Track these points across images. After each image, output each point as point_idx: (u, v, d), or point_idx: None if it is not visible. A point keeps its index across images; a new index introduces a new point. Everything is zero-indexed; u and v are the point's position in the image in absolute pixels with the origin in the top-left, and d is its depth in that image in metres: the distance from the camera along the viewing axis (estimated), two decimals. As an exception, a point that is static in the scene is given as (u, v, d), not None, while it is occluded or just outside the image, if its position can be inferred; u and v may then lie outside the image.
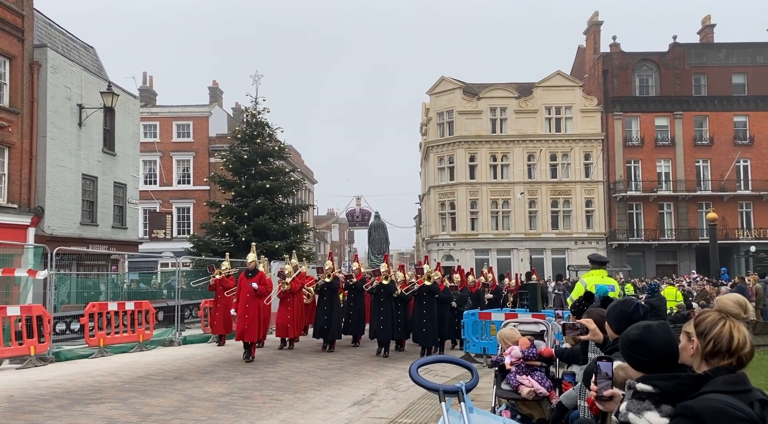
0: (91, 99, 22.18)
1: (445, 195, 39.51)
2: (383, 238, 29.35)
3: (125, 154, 24.97)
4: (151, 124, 37.80)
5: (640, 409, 2.40)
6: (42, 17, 22.31)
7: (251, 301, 11.36)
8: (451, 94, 39.66)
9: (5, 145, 18.79)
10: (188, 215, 37.90)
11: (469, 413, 2.60)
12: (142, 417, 6.72)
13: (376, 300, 12.97)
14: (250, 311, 11.28)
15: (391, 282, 12.98)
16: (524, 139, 38.67)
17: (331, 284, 13.40)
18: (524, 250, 38.03)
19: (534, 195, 38.57)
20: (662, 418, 2.33)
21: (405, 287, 13.28)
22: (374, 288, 13.05)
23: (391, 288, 12.85)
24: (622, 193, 38.05)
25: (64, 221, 20.93)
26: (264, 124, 26.57)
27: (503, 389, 5.64)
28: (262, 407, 7.36)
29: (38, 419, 6.58)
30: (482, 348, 11.83)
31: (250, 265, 11.74)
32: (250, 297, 11.36)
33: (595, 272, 7.84)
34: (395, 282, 13.29)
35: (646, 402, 2.41)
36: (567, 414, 4.48)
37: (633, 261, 37.40)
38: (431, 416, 6.84)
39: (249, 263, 11.81)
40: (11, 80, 19.14)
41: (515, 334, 6.01)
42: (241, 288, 11.60)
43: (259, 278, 11.57)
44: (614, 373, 2.84)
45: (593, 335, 3.69)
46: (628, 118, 38.87)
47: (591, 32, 40.74)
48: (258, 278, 11.50)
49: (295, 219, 29.45)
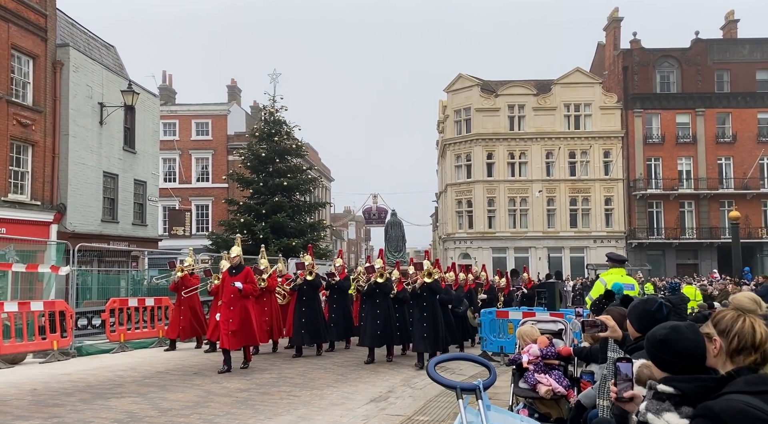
0: (111, 97, 22.48)
1: (462, 193, 39.36)
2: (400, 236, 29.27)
3: (145, 152, 25.27)
4: (171, 123, 38.19)
5: (659, 410, 2.38)
6: (64, 17, 22.64)
7: (235, 303, 9.64)
8: (469, 91, 39.48)
9: (29, 143, 19.12)
10: (207, 213, 38.24)
11: (487, 410, 2.59)
12: (162, 412, 6.80)
13: (370, 301, 11.26)
14: (235, 314, 9.57)
15: (387, 280, 11.28)
16: (543, 137, 38.37)
17: (312, 282, 11.76)
18: (542, 248, 37.76)
19: (552, 193, 38.27)
20: (682, 419, 2.31)
21: (402, 287, 11.61)
22: (368, 287, 11.31)
23: (387, 287, 11.19)
24: (642, 191, 37.58)
25: (85, 217, 21.25)
26: (281, 122, 26.72)
27: (521, 387, 5.62)
28: (279, 403, 7.41)
29: (61, 412, 6.69)
30: (499, 347, 11.80)
31: (234, 260, 9.97)
32: (234, 298, 9.67)
33: (614, 271, 7.77)
34: (391, 280, 11.68)
35: (666, 403, 2.38)
36: (586, 413, 4.45)
37: (653, 260, 36.94)
38: (448, 414, 6.83)
39: (232, 258, 10.00)
40: (35, 79, 19.47)
41: (535, 332, 5.98)
42: (224, 288, 9.91)
43: (245, 275, 9.86)
44: (639, 371, 2.81)
45: (612, 332, 3.66)
46: (649, 115, 38.37)
47: (611, 28, 40.27)
48: (243, 276, 9.82)
49: (312, 217, 29.59)
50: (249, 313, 9.87)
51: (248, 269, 10.12)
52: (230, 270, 9.99)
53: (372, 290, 11.23)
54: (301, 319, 11.66)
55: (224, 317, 9.65)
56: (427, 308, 10.65)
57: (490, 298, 14.90)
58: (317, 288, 12.08)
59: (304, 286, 11.78)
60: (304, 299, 11.75)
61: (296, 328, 11.75)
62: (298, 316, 11.76)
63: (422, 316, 10.63)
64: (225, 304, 9.72)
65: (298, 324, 11.68)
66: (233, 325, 9.52)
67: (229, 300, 9.68)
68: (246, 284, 9.79)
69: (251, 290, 9.95)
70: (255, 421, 6.49)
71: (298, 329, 11.67)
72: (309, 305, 11.69)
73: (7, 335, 10.01)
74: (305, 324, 11.59)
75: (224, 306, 9.75)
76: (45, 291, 12.68)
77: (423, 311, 10.66)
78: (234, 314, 9.60)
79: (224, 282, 9.97)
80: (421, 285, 10.60)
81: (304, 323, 11.60)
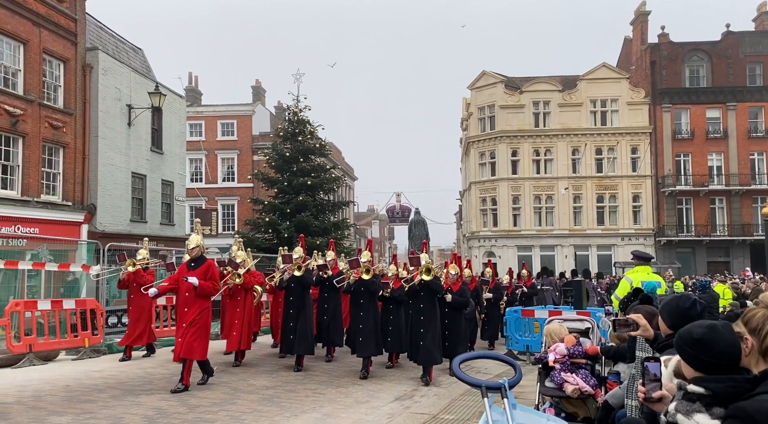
0: (139, 99, 22.87)
1: (487, 191, 39.12)
2: (423, 234, 29.29)
3: (172, 153, 25.66)
4: (197, 123, 38.71)
5: (689, 410, 2.34)
6: (93, 21, 23.10)
7: (191, 303, 7.93)
8: (493, 88, 39.21)
9: (60, 145, 19.57)
10: (233, 212, 38.69)
11: (512, 409, 2.58)
12: (190, 408, 6.91)
13: (355, 302, 9.65)
14: (189, 316, 7.88)
15: (375, 277, 9.60)
16: (568, 133, 37.93)
17: (301, 279, 9.79)
18: (568, 246, 37.34)
19: (579, 190, 37.80)
20: (713, 420, 2.27)
21: (399, 285, 9.98)
22: (351, 285, 9.64)
23: (373, 285, 9.39)
24: (671, 187, 36.88)
25: (114, 217, 21.68)
26: (305, 122, 26.89)
27: (547, 386, 5.57)
28: (305, 400, 7.47)
29: (93, 408, 6.84)
30: (525, 345, 11.71)
31: (193, 251, 8.17)
32: (190, 297, 7.92)
33: (640, 269, 7.64)
34: (379, 276, 10.18)
35: (696, 404, 2.34)
36: (613, 413, 4.39)
37: (683, 258, 36.24)
38: (473, 413, 6.81)
39: (190, 250, 8.20)
40: (65, 82, 19.91)
41: (563, 330, 5.92)
42: (180, 285, 8.11)
43: (205, 270, 8.06)
44: (678, 367, 2.76)
45: (644, 331, 3.60)
46: (678, 110, 37.63)
47: (638, 22, 39.59)
48: (202, 271, 8.03)
49: (335, 215, 29.73)
50: (207, 318, 8.11)
51: (210, 262, 8.30)
52: (188, 263, 8.18)
53: (357, 288, 9.48)
54: (289, 323, 9.74)
55: (179, 322, 8.05)
56: (425, 311, 8.89)
57: (495, 297, 13.67)
58: (307, 287, 10.07)
59: (292, 284, 9.87)
60: (291, 299, 9.89)
61: (285, 334, 9.93)
62: (287, 319, 9.85)
63: (419, 321, 8.94)
64: (179, 305, 8.17)
65: (287, 329, 9.80)
66: (187, 331, 7.83)
67: (184, 300, 7.99)
68: (205, 280, 7.99)
69: (210, 289, 8.09)
70: (281, 418, 6.55)
71: (287, 335, 9.82)
72: (299, 307, 9.76)
73: (41, 333, 10.28)
74: (294, 329, 9.65)
75: (178, 308, 8.20)
76: (76, 290, 12.95)
77: (420, 315, 8.95)
78: (188, 317, 7.90)
79: (181, 279, 8.15)
80: (418, 284, 8.83)
81: (293, 328, 9.66)
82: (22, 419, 6.30)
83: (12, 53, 17.95)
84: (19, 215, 17.54)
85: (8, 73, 17.81)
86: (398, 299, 10.02)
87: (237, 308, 10.40)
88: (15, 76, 18.03)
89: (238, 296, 10.49)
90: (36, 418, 6.34)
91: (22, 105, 17.96)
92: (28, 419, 6.28)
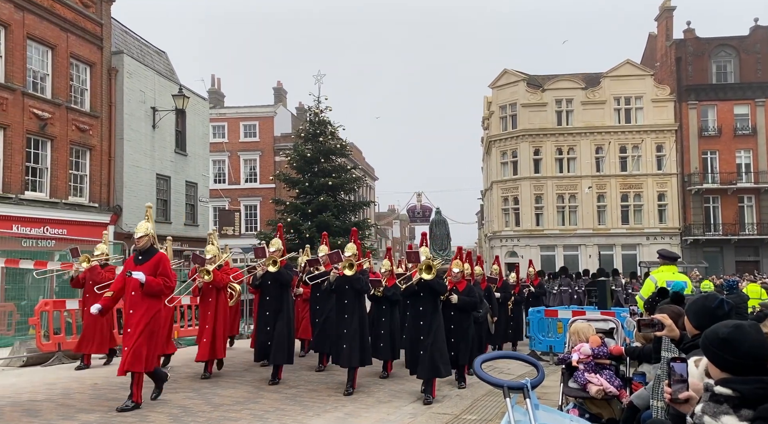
0: (163, 102, 23.21)
1: (509, 190, 38.85)
2: (444, 234, 29.16)
3: (196, 154, 25.99)
4: (220, 125, 39.16)
5: (717, 412, 2.29)
6: (118, 25, 23.51)
7: (138, 304, 6.71)
8: (515, 86, 38.92)
9: (87, 147, 19.95)
10: (255, 212, 39.05)
11: (535, 409, 2.56)
12: (214, 406, 6.99)
13: (338, 303, 8.25)
14: (135, 319, 6.67)
15: (361, 273, 8.31)
16: (592, 132, 37.47)
17: (278, 276, 8.47)
18: (592, 246, 36.89)
19: (602, 189, 37.33)
20: (741, 422, 2.22)
21: (393, 283, 8.81)
22: (332, 283, 8.22)
23: (359, 282, 8.00)
24: (698, 185, 36.21)
25: (140, 218, 21.82)
26: (326, 123, 27.01)
27: (571, 387, 5.52)
28: (327, 399, 7.50)
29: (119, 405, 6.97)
30: (548, 346, 11.61)
31: (140, 241, 6.90)
32: (137, 297, 6.72)
33: (666, 268, 7.51)
34: (366, 273, 8.84)
35: (723, 406, 2.30)
36: (639, 414, 4.34)
37: (710, 257, 35.56)
38: (496, 413, 6.77)
39: (138, 239, 6.93)
40: (91, 86, 20.30)
41: (589, 330, 5.84)
42: (126, 283, 6.83)
43: (155, 264, 6.81)
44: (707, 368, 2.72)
45: (669, 331, 3.54)
46: (704, 107, 36.93)
47: (663, 18, 38.94)
48: (152, 265, 6.79)
49: (356, 216, 29.80)
50: (157, 323, 6.91)
51: (161, 256, 7.01)
52: (136, 256, 6.97)
53: (340, 287, 8.10)
54: (265, 327, 8.49)
55: (125, 326, 6.91)
56: (426, 315, 7.61)
57: (504, 297, 12.66)
58: (286, 285, 8.73)
59: (268, 281, 8.57)
60: (267, 299, 8.62)
61: (260, 339, 8.65)
62: (263, 323, 8.56)
63: (418, 326, 7.69)
64: (126, 306, 6.89)
65: (263, 334, 8.53)
66: (132, 337, 6.62)
67: (131, 300, 6.75)
68: (155, 276, 6.77)
69: (160, 287, 6.79)
70: (303, 417, 6.59)
71: (263, 341, 8.55)
72: (277, 309, 8.51)
73: (69, 332, 10.49)
74: (272, 334, 8.40)
75: (124, 310, 6.97)
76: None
77: (419, 319, 7.68)
78: (134, 320, 6.68)
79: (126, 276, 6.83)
80: (417, 283, 7.57)
81: (270, 333, 8.43)
82: (52, 416, 6.44)
83: (41, 58, 18.36)
84: (48, 217, 17.93)
85: (37, 78, 18.22)
86: (392, 299, 8.98)
87: (208, 311, 8.90)
88: (43, 81, 18.44)
89: (209, 296, 8.97)
90: (65, 415, 6.47)
91: (51, 109, 18.36)
92: (57, 416, 6.42)
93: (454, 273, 8.53)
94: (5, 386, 8.08)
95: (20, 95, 17.28)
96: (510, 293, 13.16)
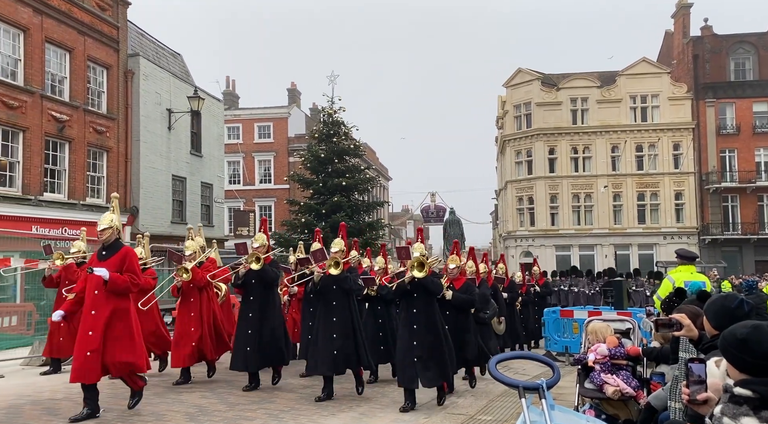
0: (179, 103, 23.42)
1: (523, 190, 38.65)
2: (458, 234, 29.07)
3: (211, 156, 26.19)
4: (234, 126, 39.42)
5: (736, 414, 2.27)
6: (134, 28, 23.76)
7: (101, 304, 6.05)
8: (529, 85, 38.72)
9: (104, 149, 20.19)
10: (270, 213, 39.23)
11: (551, 410, 2.55)
12: (230, 406, 7.04)
13: (325, 305, 7.46)
14: (99, 321, 5.99)
15: (350, 270, 7.70)
16: (607, 130, 37.16)
17: (261, 274, 7.71)
18: (608, 246, 36.57)
19: (618, 188, 37.01)
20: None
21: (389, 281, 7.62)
22: (316, 283, 7.48)
23: (346, 282, 7.36)
24: (716, 184, 35.75)
25: (156, 219, 22.24)
26: (340, 123, 27.07)
27: (587, 387, 5.48)
28: (342, 399, 7.51)
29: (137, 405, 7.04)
30: (564, 346, 11.53)
31: (104, 234, 6.29)
32: (100, 297, 6.06)
33: (684, 268, 7.42)
34: (355, 271, 8.10)
35: (743, 407, 2.27)
36: (656, 415, 4.30)
37: (728, 257, 35.10)
38: (511, 414, 6.74)
39: (101, 232, 6.29)
40: (108, 88, 20.54)
41: (607, 330, 5.79)
42: (87, 282, 6.21)
43: (120, 259, 6.22)
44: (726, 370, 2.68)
45: (688, 331, 3.49)
46: (722, 104, 36.46)
47: (679, 15, 38.50)
48: (117, 261, 6.20)
49: (370, 216, 29.83)
50: (127, 324, 6.21)
51: (127, 250, 6.42)
52: (99, 251, 6.36)
53: (326, 288, 7.39)
54: (246, 330, 7.72)
55: (83, 329, 6.03)
56: (419, 318, 6.84)
57: (511, 297, 12.06)
58: (271, 285, 8.00)
59: (252, 280, 7.79)
60: (251, 299, 7.85)
61: (238, 345, 7.80)
62: (244, 326, 7.78)
63: (411, 330, 6.87)
64: (86, 306, 6.11)
65: (243, 337, 7.74)
66: (94, 342, 5.91)
67: (93, 300, 6.05)
68: (121, 273, 6.12)
69: (126, 285, 6.11)
70: (318, 417, 6.60)
71: (241, 346, 7.74)
72: (261, 310, 7.77)
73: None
74: (252, 339, 7.66)
75: (85, 310, 6.12)
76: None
77: (413, 323, 6.86)
78: (97, 323, 5.97)
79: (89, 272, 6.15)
80: (410, 282, 6.81)
81: (250, 337, 7.67)
82: (71, 415, 6.52)
83: (59, 61, 18.62)
84: (66, 218, 18.17)
85: (55, 81, 18.48)
86: (386, 299, 8.17)
87: (191, 312, 8.16)
88: (62, 84, 18.69)
89: (190, 296, 8.20)
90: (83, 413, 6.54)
91: (69, 111, 18.61)
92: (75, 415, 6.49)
93: (450, 269, 7.95)
94: (25, 385, 8.21)
95: (39, 98, 17.54)
96: (517, 292, 12.69)
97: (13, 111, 16.76)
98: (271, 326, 7.83)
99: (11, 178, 17.00)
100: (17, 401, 7.18)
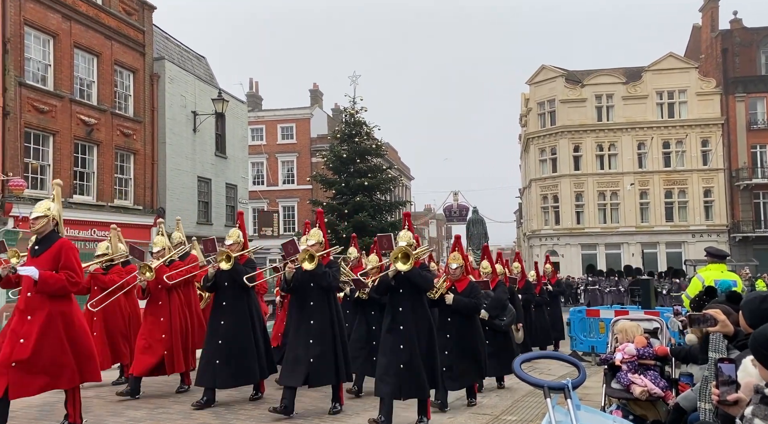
0: (203, 106, 23.72)
1: (548, 188, 38.27)
2: (482, 233, 28.94)
3: (235, 157, 26.47)
4: (258, 128, 39.79)
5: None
6: (160, 32, 24.13)
7: (36, 307, 5.17)
8: (553, 82, 38.34)
9: (131, 152, 20.55)
10: (293, 213, 39.51)
11: (576, 410, 2.52)
12: (256, 405, 7.13)
13: (300, 305, 6.58)
14: (34, 327, 5.10)
15: (331, 264, 6.70)
16: (633, 127, 36.62)
17: (233, 274, 6.84)
18: (635, 244, 36.03)
19: (645, 186, 36.43)
20: (794, 425, 2.14)
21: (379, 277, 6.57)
22: (290, 281, 6.41)
23: (325, 278, 6.38)
24: (747, 181, 34.95)
25: (182, 220, 22.51)
26: (362, 123, 27.11)
27: (613, 388, 5.40)
28: (365, 399, 7.52)
29: (165, 403, 7.18)
30: (590, 346, 11.39)
31: (36, 223, 5.36)
32: (34, 300, 5.18)
33: (714, 267, 7.25)
34: (336, 266, 6.97)
35: (775, 408, 2.22)
36: (686, 416, 4.22)
37: (760, 255, 34.25)
38: (537, 414, 6.68)
39: (33, 221, 5.38)
40: (135, 92, 20.91)
41: (636, 330, 5.68)
42: (21, 283, 5.34)
43: (54, 255, 5.28)
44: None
45: (723, 327, 3.40)
46: (753, 99, 35.63)
47: (708, 9, 37.74)
48: (50, 257, 5.28)
49: (393, 216, 29.82)
50: (73, 329, 5.30)
51: (63, 242, 5.39)
52: (32, 247, 5.47)
53: (303, 284, 6.43)
54: (216, 340, 6.78)
55: (11, 336, 5.13)
56: (406, 319, 5.86)
57: (526, 299, 11.12)
58: (245, 287, 6.92)
59: (225, 282, 6.93)
60: (223, 304, 6.93)
61: (206, 356, 6.85)
62: (213, 335, 6.84)
63: (397, 331, 5.87)
64: (19, 310, 5.25)
65: (212, 348, 6.78)
66: (25, 351, 5.02)
67: (27, 303, 5.19)
68: (57, 271, 5.23)
69: (61, 284, 5.19)
70: (343, 415, 6.62)
71: (210, 358, 6.76)
72: (233, 316, 6.85)
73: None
74: (221, 351, 6.71)
75: (17, 315, 5.24)
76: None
77: (399, 323, 5.88)
78: (31, 329, 5.10)
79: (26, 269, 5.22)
80: (394, 276, 5.83)
81: (220, 348, 6.72)
82: (102, 412, 6.65)
83: (87, 66, 19.00)
84: (95, 219, 18.53)
85: (83, 85, 18.86)
86: (381, 303, 6.92)
87: (160, 317, 7.27)
88: (89, 88, 19.08)
89: (159, 299, 7.34)
90: (114, 412, 6.68)
91: (96, 115, 18.98)
92: (107, 412, 6.63)
93: (453, 269, 6.93)
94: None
95: (68, 102, 17.92)
96: (532, 293, 11.79)
97: (44, 115, 17.16)
98: (244, 338, 6.79)
99: (42, 181, 17.41)
100: None
